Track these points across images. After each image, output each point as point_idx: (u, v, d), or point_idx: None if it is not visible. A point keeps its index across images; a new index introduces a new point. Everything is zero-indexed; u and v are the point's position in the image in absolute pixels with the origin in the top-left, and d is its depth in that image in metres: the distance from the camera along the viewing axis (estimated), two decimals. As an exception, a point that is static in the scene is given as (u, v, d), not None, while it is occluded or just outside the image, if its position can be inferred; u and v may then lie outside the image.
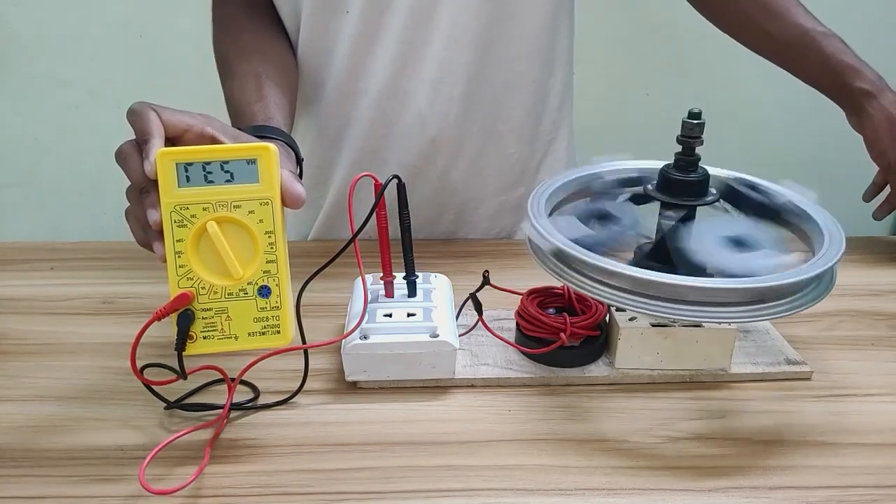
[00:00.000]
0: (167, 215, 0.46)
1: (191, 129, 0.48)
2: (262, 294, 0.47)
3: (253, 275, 0.47)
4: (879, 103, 0.74)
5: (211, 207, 0.46)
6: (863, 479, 0.46)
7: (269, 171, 0.46)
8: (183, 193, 0.46)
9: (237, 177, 0.46)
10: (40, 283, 0.72)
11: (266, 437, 0.50)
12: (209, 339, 0.47)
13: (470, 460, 0.48)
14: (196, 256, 0.46)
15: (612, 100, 1.50)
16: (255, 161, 0.46)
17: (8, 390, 0.55)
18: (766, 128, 1.60)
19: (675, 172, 0.57)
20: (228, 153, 0.46)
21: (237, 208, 0.46)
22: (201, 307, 0.47)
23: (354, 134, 0.79)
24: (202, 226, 0.46)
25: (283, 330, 0.47)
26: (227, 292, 0.47)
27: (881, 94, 0.74)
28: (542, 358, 0.56)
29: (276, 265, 0.47)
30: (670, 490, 0.45)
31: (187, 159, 0.45)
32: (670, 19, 1.47)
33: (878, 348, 0.61)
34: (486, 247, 0.82)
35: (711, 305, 0.48)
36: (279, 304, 0.47)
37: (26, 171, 1.57)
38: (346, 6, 0.71)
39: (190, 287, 0.46)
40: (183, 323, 0.46)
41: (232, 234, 0.46)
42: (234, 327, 0.47)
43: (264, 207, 0.46)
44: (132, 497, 0.44)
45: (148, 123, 0.46)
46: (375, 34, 0.72)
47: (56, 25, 1.44)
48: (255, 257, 0.47)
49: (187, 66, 1.08)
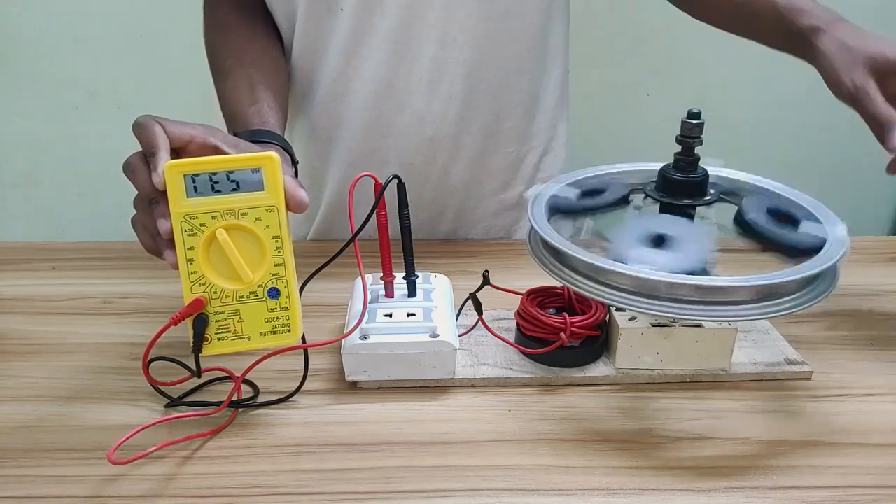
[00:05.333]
0: (177, 225, 0.48)
1: (194, 140, 0.50)
2: (272, 296, 0.49)
3: (262, 278, 0.49)
4: (831, 36, 0.64)
5: (219, 216, 0.48)
6: (863, 479, 0.46)
7: (273, 178, 0.48)
8: (192, 203, 0.48)
9: (243, 185, 0.48)
10: (41, 283, 0.72)
11: (266, 437, 0.50)
12: (223, 340, 0.49)
13: (470, 460, 0.48)
14: (207, 263, 0.48)
15: (612, 100, 1.50)
16: (260, 170, 0.48)
17: (8, 390, 0.55)
18: (766, 127, 1.60)
19: (674, 172, 0.57)
20: (234, 163, 0.48)
21: (244, 215, 0.48)
22: (214, 310, 0.49)
23: (350, 134, 0.79)
24: (212, 233, 0.48)
25: (293, 329, 0.50)
26: (239, 295, 0.49)
27: (832, 26, 0.64)
28: (542, 358, 0.57)
29: (284, 268, 0.49)
30: (670, 490, 0.45)
31: (194, 171, 0.47)
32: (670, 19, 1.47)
33: (878, 348, 0.61)
34: (486, 247, 0.82)
35: (711, 305, 0.48)
36: (288, 305, 0.49)
37: (26, 171, 1.57)
38: (339, 4, 0.71)
39: (203, 292, 0.48)
40: (198, 326, 0.48)
41: (240, 240, 0.48)
42: (246, 328, 0.49)
43: (270, 214, 0.48)
44: (133, 497, 0.44)
45: (154, 136, 0.48)
46: (368, 33, 0.73)
47: (56, 25, 1.44)
48: (264, 261, 0.49)
49: (187, 66, 1.08)
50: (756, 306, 0.48)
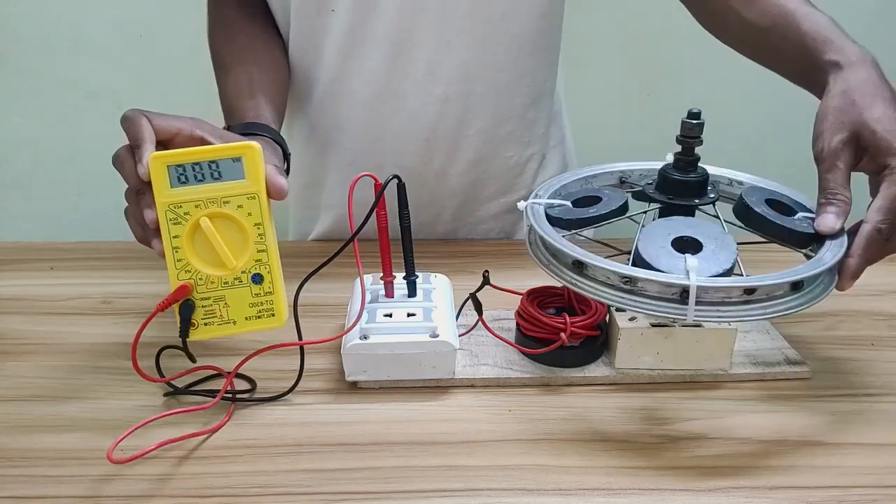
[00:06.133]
0: (162, 214, 0.49)
1: (181, 133, 0.51)
2: (255, 281, 0.50)
3: (246, 264, 0.50)
4: (844, 79, 0.56)
5: (202, 204, 0.49)
6: (863, 479, 0.46)
7: (254, 167, 0.49)
8: (176, 193, 0.49)
9: (225, 174, 0.49)
10: (40, 282, 0.72)
11: (265, 437, 0.50)
12: (210, 325, 0.51)
13: (470, 460, 0.48)
14: (192, 250, 0.50)
15: (612, 100, 1.50)
16: (241, 159, 0.49)
17: (7, 390, 0.55)
18: (766, 128, 1.60)
19: (674, 173, 0.57)
20: (215, 153, 0.49)
21: (227, 203, 0.50)
22: (200, 297, 0.50)
23: (347, 135, 0.79)
24: (196, 222, 0.49)
25: (277, 313, 0.51)
26: (223, 281, 0.50)
27: (851, 68, 0.56)
28: (542, 358, 0.56)
29: (267, 254, 0.50)
30: (670, 490, 0.45)
31: (178, 161, 0.49)
32: (670, 19, 1.47)
33: (878, 348, 0.61)
34: (486, 247, 0.82)
35: (711, 305, 0.48)
36: (272, 290, 0.51)
37: (26, 171, 1.57)
38: (330, 4, 0.72)
39: (188, 279, 0.50)
40: (185, 311, 0.50)
41: (223, 227, 0.50)
42: (231, 313, 0.51)
43: (252, 201, 0.50)
44: (131, 497, 0.44)
45: (140, 129, 0.49)
46: (363, 35, 0.73)
47: (56, 25, 1.44)
48: (247, 248, 0.50)
49: (187, 66, 1.08)
50: (756, 306, 0.48)
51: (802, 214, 0.56)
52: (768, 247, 0.56)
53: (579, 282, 0.50)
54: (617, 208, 0.56)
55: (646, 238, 0.52)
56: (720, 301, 0.48)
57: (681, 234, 0.52)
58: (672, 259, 0.50)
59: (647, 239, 0.52)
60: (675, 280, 0.47)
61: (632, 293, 0.49)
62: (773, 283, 0.48)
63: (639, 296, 0.48)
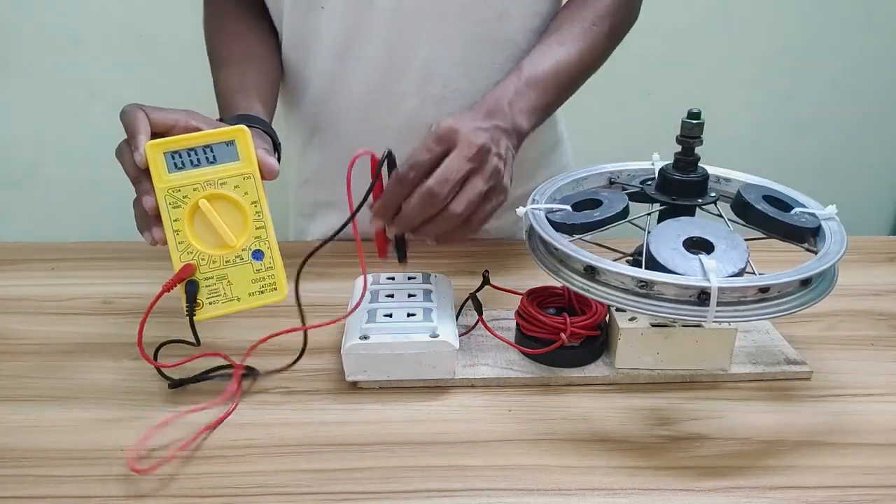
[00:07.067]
0: (162, 199, 0.51)
1: (177, 124, 0.53)
2: (256, 257, 0.52)
3: (246, 241, 0.52)
4: None
5: (200, 187, 0.51)
6: (863, 479, 0.46)
7: (247, 149, 0.52)
8: (173, 178, 0.51)
9: (219, 158, 0.52)
10: (40, 282, 0.72)
11: (266, 437, 0.50)
12: (214, 303, 0.52)
13: (470, 460, 0.48)
14: (192, 232, 0.52)
15: (612, 100, 1.50)
16: (234, 142, 0.52)
17: (7, 390, 0.55)
18: (766, 128, 1.60)
19: (675, 173, 0.57)
20: (209, 138, 0.51)
21: (223, 185, 0.52)
22: (203, 276, 0.52)
23: (345, 134, 0.79)
24: (195, 204, 0.51)
25: (279, 287, 0.53)
26: (225, 260, 0.52)
27: None
28: (542, 358, 0.56)
29: (265, 230, 0.52)
30: (670, 490, 0.45)
31: (173, 147, 0.51)
32: (670, 19, 1.47)
33: (878, 348, 0.61)
34: (486, 247, 0.82)
35: (729, 305, 0.47)
36: (272, 265, 0.53)
37: (26, 171, 1.57)
38: (320, 2, 0.72)
39: (191, 260, 0.51)
40: (190, 290, 0.51)
41: (222, 208, 0.52)
42: (235, 290, 0.52)
43: (247, 181, 0.52)
44: (131, 497, 0.44)
45: (135, 121, 0.51)
46: (358, 34, 0.73)
47: (56, 25, 1.44)
48: (246, 226, 0.52)
49: (187, 66, 1.08)
50: (756, 306, 0.48)
51: (799, 210, 0.56)
52: (764, 243, 0.57)
53: (591, 287, 0.50)
54: (621, 211, 0.56)
55: (656, 240, 0.52)
56: (737, 301, 0.48)
57: (690, 235, 0.52)
58: (687, 261, 0.50)
59: (658, 241, 0.52)
60: (695, 282, 0.47)
61: (648, 297, 0.48)
62: (788, 280, 0.48)
63: (655, 299, 0.48)
